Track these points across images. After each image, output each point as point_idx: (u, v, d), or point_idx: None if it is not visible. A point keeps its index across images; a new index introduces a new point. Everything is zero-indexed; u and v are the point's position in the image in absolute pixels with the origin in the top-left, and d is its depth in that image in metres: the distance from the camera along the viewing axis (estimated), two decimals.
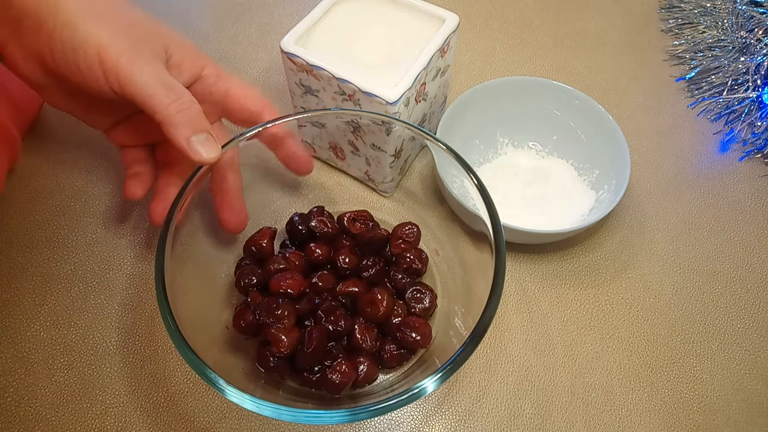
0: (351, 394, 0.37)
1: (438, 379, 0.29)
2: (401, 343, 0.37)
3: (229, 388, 0.29)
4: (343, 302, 0.38)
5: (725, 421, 0.38)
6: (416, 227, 0.41)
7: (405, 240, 0.41)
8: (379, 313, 0.37)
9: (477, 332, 0.30)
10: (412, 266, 0.40)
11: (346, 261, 0.39)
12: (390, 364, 0.38)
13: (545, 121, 0.48)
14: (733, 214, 0.48)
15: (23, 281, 0.43)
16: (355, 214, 0.42)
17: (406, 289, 0.39)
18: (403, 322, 0.37)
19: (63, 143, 0.50)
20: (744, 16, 0.55)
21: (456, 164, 0.36)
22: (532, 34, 0.61)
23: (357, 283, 0.38)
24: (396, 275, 0.40)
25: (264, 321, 0.35)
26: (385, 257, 0.41)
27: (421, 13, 0.43)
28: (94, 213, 0.46)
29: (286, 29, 0.41)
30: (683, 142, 0.52)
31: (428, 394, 0.30)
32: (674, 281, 0.44)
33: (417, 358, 0.38)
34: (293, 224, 0.42)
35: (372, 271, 0.39)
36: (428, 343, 0.37)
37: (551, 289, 0.44)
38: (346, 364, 0.35)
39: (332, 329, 0.36)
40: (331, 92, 0.41)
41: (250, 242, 0.40)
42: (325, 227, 0.41)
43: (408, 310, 0.39)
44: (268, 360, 0.35)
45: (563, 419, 0.38)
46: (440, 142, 0.37)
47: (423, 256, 0.41)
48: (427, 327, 0.37)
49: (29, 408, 0.38)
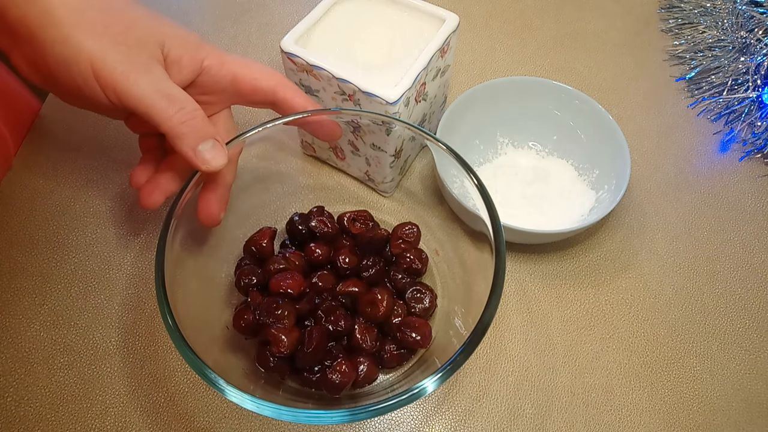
0: (351, 394, 0.37)
1: (438, 379, 0.29)
2: (401, 343, 0.37)
3: (229, 387, 0.29)
4: (343, 302, 0.38)
5: (725, 421, 0.38)
6: (416, 227, 0.41)
7: (405, 240, 0.41)
8: (379, 313, 0.37)
9: (477, 332, 0.30)
10: (412, 266, 0.40)
11: (346, 261, 0.39)
12: (390, 364, 0.38)
13: (545, 121, 0.48)
14: (733, 214, 0.48)
15: (23, 281, 0.43)
16: (355, 214, 0.42)
17: (406, 289, 0.39)
18: (403, 322, 0.37)
19: (63, 143, 0.50)
20: (744, 16, 0.55)
21: (456, 164, 0.36)
22: (532, 34, 0.61)
23: (357, 283, 0.38)
24: (396, 275, 0.40)
25: (264, 321, 0.35)
26: (385, 257, 0.41)
27: (421, 13, 0.43)
28: (94, 213, 0.46)
29: (286, 29, 0.41)
30: (683, 142, 0.52)
31: (428, 394, 0.30)
32: (674, 281, 0.44)
33: (417, 358, 0.39)
34: (293, 224, 0.42)
35: (372, 271, 0.39)
36: (428, 343, 0.37)
37: (551, 289, 0.44)
38: (346, 364, 0.35)
39: (332, 329, 0.36)
40: (331, 92, 0.41)
41: (250, 242, 0.40)
42: (325, 227, 0.41)
43: (408, 310, 0.39)
44: (268, 360, 0.35)
45: (563, 419, 0.38)
46: (440, 142, 0.37)
47: (423, 256, 0.41)
48: (427, 327, 0.37)
49: (29, 408, 0.38)
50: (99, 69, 0.31)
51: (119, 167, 0.49)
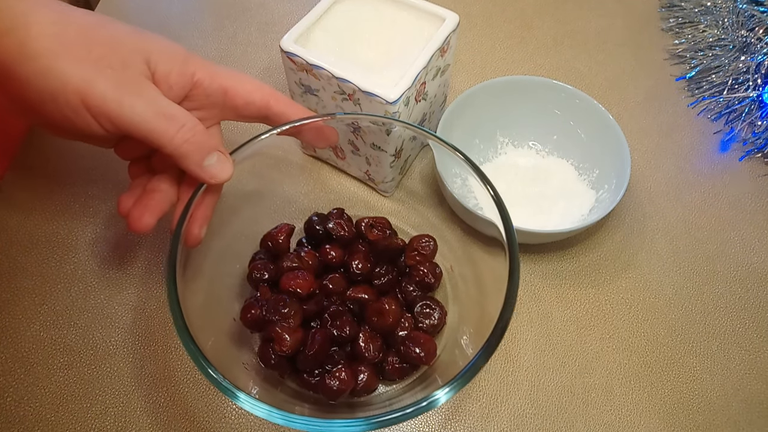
0: (349, 402, 0.36)
1: (450, 391, 0.28)
2: (404, 357, 0.36)
3: (218, 375, 0.28)
4: (350, 308, 0.38)
5: (725, 421, 0.38)
6: (433, 240, 0.40)
7: (420, 252, 0.40)
8: (386, 323, 0.36)
9: (490, 345, 0.29)
10: (425, 280, 0.39)
11: (359, 266, 0.39)
12: (391, 376, 0.37)
13: (545, 120, 0.48)
14: (733, 214, 0.48)
15: (23, 281, 0.43)
16: (373, 221, 0.41)
17: (416, 302, 0.38)
18: (408, 336, 0.37)
19: (63, 143, 0.50)
20: (744, 15, 0.54)
21: (461, 163, 0.35)
22: (532, 33, 0.60)
23: (367, 290, 0.38)
24: (407, 287, 0.39)
25: (269, 317, 0.35)
26: (398, 267, 0.40)
27: (421, 12, 0.43)
28: (94, 213, 0.46)
29: (285, 28, 0.41)
30: (683, 141, 0.52)
31: (440, 405, 0.29)
32: (674, 281, 0.44)
33: (419, 374, 0.38)
34: (311, 224, 0.41)
35: (384, 279, 0.39)
36: (431, 360, 0.36)
37: (551, 288, 0.44)
38: (346, 371, 0.34)
39: (337, 334, 0.36)
40: (330, 91, 0.41)
41: (267, 237, 0.40)
42: (342, 230, 0.40)
43: (415, 324, 0.38)
44: (270, 357, 0.35)
45: (563, 419, 0.38)
46: (447, 144, 0.36)
47: (437, 271, 0.40)
48: (432, 344, 0.37)
49: (29, 408, 0.38)
50: (88, 98, 0.29)
51: (119, 167, 0.48)
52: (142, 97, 0.30)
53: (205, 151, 0.32)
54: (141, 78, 0.31)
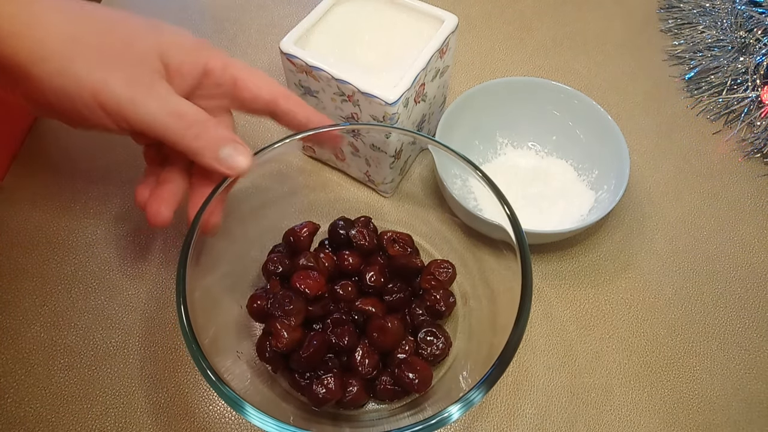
0: (334, 413, 0.36)
1: (461, 408, 0.28)
2: (397, 380, 0.35)
3: (205, 363, 0.28)
4: (355, 318, 0.37)
5: (725, 421, 0.38)
6: (452, 267, 0.39)
7: (437, 278, 0.39)
8: (386, 342, 0.35)
9: (504, 357, 0.29)
10: (435, 306, 0.38)
11: (372, 278, 0.38)
12: (381, 396, 0.36)
13: (544, 121, 0.48)
14: (733, 214, 0.48)
15: (24, 282, 0.43)
16: (396, 235, 0.41)
17: (422, 327, 0.37)
18: (406, 360, 0.35)
19: (63, 144, 0.50)
20: (743, 16, 0.55)
21: (461, 165, 0.35)
22: (532, 34, 0.61)
23: (376, 304, 0.37)
24: (417, 309, 0.38)
25: (272, 312, 0.35)
26: (413, 287, 0.40)
27: (420, 13, 0.43)
28: (95, 214, 0.46)
29: (285, 30, 0.41)
30: (683, 141, 0.52)
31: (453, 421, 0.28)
32: (674, 281, 0.44)
33: (410, 399, 0.37)
34: (335, 227, 0.41)
35: (395, 296, 0.38)
36: (423, 389, 0.35)
37: (551, 289, 0.44)
38: (335, 381, 0.34)
39: (335, 342, 0.35)
40: (330, 93, 0.41)
41: (290, 231, 0.40)
42: (363, 239, 0.40)
43: (416, 349, 0.37)
44: (265, 350, 0.36)
45: (563, 419, 0.38)
46: (450, 149, 0.36)
47: (450, 300, 0.38)
48: (427, 372, 0.35)
49: (29, 409, 0.38)
50: (103, 99, 0.30)
51: (120, 168, 0.49)
52: (153, 95, 0.31)
53: (218, 145, 0.32)
54: (154, 76, 0.31)
